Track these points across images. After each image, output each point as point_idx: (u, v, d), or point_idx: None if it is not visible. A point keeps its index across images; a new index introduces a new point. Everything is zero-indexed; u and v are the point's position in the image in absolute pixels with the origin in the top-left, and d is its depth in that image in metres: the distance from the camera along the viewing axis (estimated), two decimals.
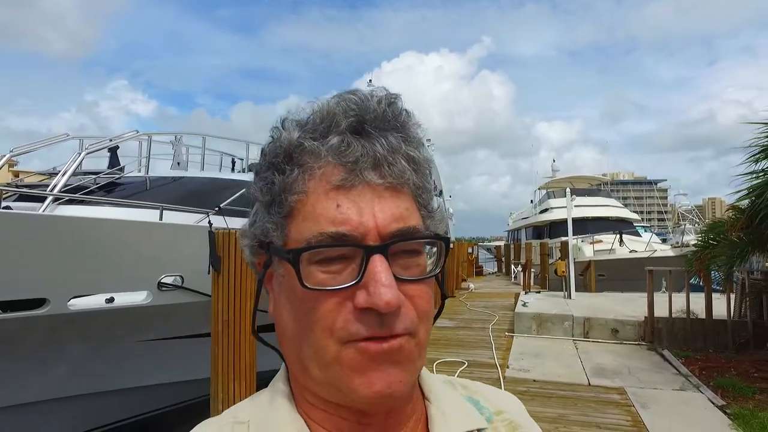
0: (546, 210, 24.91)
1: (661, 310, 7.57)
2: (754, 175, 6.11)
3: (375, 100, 0.49)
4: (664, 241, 22.56)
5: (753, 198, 6.05)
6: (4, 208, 4.24)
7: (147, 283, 4.74)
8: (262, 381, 0.54)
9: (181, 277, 4.88)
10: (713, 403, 4.95)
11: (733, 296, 7.45)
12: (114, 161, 7.13)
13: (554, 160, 31.86)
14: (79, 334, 4.58)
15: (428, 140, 23.17)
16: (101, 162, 7.25)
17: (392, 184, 0.48)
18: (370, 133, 0.48)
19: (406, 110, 0.51)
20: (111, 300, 4.64)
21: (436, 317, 0.56)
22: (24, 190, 5.30)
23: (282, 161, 0.49)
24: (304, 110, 0.51)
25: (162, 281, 4.78)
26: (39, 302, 4.13)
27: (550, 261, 16.20)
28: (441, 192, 21.10)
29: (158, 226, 4.83)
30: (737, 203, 6.62)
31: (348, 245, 0.45)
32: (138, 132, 6.68)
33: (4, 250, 3.76)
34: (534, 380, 5.63)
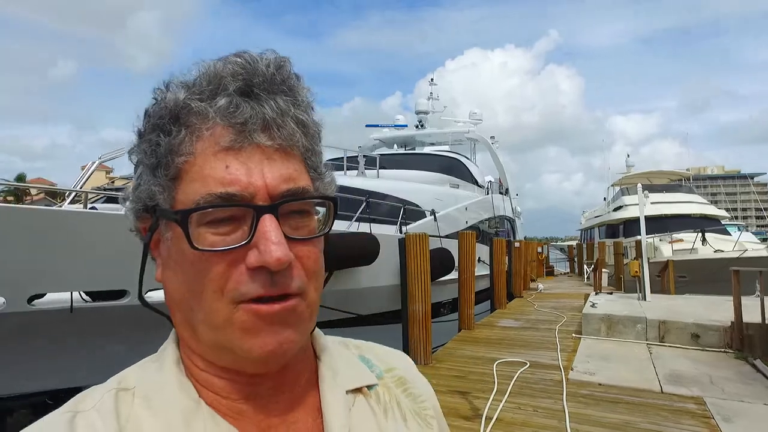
0: (620, 207, 23.52)
1: (752, 316, 6.92)
2: None
3: (263, 63, 0.49)
4: (764, 240, 20.52)
5: None
6: (90, 209, 4.70)
7: None
8: None
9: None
10: None
11: None
12: None
13: (628, 155, 30.12)
14: (156, 324, 4.95)
15: (492, 137, 22.71)
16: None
17: (281, 146, 0.48)
18: (259, 95, 0.48)
19: (295, 74, 0.51)
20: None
21: (326, 281, 0.56)
22: (108, 192, 5.83)
23: (168, 122, 0.48)
24: (190, 72, 0.50)
25: None
26: (121, 293, 4.53)
27: (625, 261, 15.28)
28: (507, 190, 20.55)
29: None
30: None
31: (238, 205, 0.46)
32: None
33: (90, 245, 4.16)
34: (599, 384, 5.36)
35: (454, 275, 8.72)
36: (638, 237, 11.95)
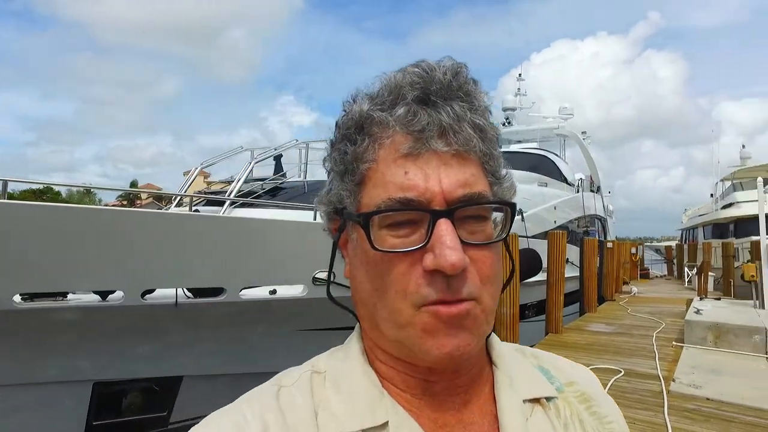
0: (731, 204, 21.34)
1: None
2: None
3: (440, 71, 0.51)
4: None
5: None
6: (193, 211, 5.11)
7: (303, 277, 5.27)
8: None
9: (334, 273, 5.31)
10: None
11: None
12: (278, 168, 8.07)
13: (743, 146, 27.19)
14: (248, 320, 5.28)
15: (583, 132, 21.53)
16: (269, 169, 8.26)
17: (458, 151, 0.50)
18: (436, 102, 0.50)
19: (473, 79, 0.53)
20: (274, 292, 5.26)
21: (505, 285, 0.57)
22: (209, 195, 6.31)
23: (354, 132, 0.52)
24: (374, 85, 0.54)
25: (316, 276, 5.27)
26: (218, 291, 4.88)
27: (736, 264, 13.83)
28: (599, 188, 19.41)
29: (313, 225, 5.35)
30: None
31: (415, 209, 0.48)
32: (297, 141, 7.48)
33: (193, 245, 4.52)
34: (707, 398, 4.89)
35: (540, 277, 8.42)
36: (754, 237, 10.76)
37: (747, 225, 17.75)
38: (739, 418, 4.43)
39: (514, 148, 17.16)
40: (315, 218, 5.54)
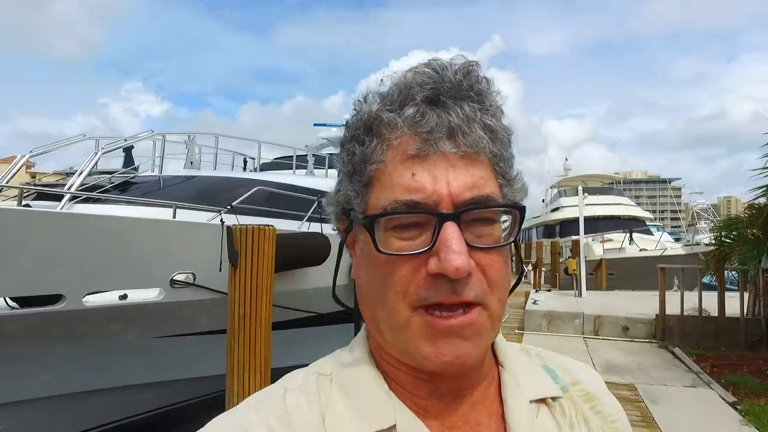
0: (557, 209, 24.78)
1: (672, 308, 7.53)
2: None
3: (451, 71, 0.49)
4: (677, 240, 22.33)
5: None
6: (23, 206, 4.36)
7: (160, 280, 4.83)
8: (277, 376, 0.59)
9: (193, 275, 4.96)
10: (724, 399, 4.93)
11: (746, 294, 7.41)
12: (129, 161, 7.27)
13: (566, 159, 31.66)
14: (93, 330, 4.67)
15: None
16: (117, 162, 7.40)
17: (467, 153, 0.48)
18: (446, 103, 0.48)
19: (486, 78, 0.51)
20: (124, 297, 4.73)
21: (514, 287, 0.57)
22: (43, 188, 5.43)
23: (362, 133, 0.51)
24: (385, 84, 0.52)
25: (174, 278, 4.87)
26: (55, 298, 4.23)
27: (561, 260, 16.13)
28: None
29: (171, 224, 4.92)
30: (754, 201, 6.58)
31: (421, 212, 0.47)
32: (152, 132, 6.82)
33: (22, 246, 3.86)
34: None
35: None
36: (574, 237, 12.64)
37: (569, 226, 20.81)
38: None
39: None
40: (174, 216, 5.11)
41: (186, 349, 5.46)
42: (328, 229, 6.87)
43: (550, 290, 12.79)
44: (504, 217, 0.51)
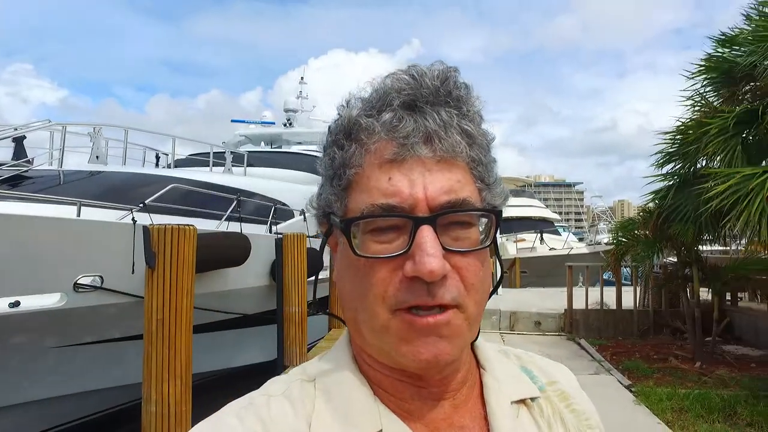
0: None
1: (578, 303, 8.14)
2: (658, 179, 6.76)
3: (429, 77, 0.50)
4: (581, 239, 24.20)
5: (657, 200, 6.69)
6: None
7: (61, 284, 4.39)
8: (200, 382, 0.55)
9: (101, 278, 4.57)
10: (621, 383, 5.44)
11: (638, 289, 8.21)
12: (20, 152, 6.51)
13: None
14: None
15: None
16: (5, 153, 6.62)
17: (443, 157, 0.49)
18: (423, 108, 0.49)
19: (465, 84, 0.52)
20: (16, 304, 4.24)
21: (494, 290, 0.59)
22: None
23: (342, 137, 0.52)
24: (366, 89, 0.53)
25: (78, 282, 4.45)
26: None
27: None
28: None
29: (74, 222, 4.48)
30: (646, 205, 7.30)
31: (397, 216, 0.47)
32: (50, 122, 6.16)
33: None
34: None
35: (322, 275, 8.77)
36: None
37: None
38: None
39: (295, 149, 17.49)
40: (78, 214, 4.66)
41: (97, 357, 5.03)
42: (247, 229, 6.66)
43: None
44: (482, 221, 0.51)
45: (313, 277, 6.84)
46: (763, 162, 5.43)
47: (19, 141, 6.45)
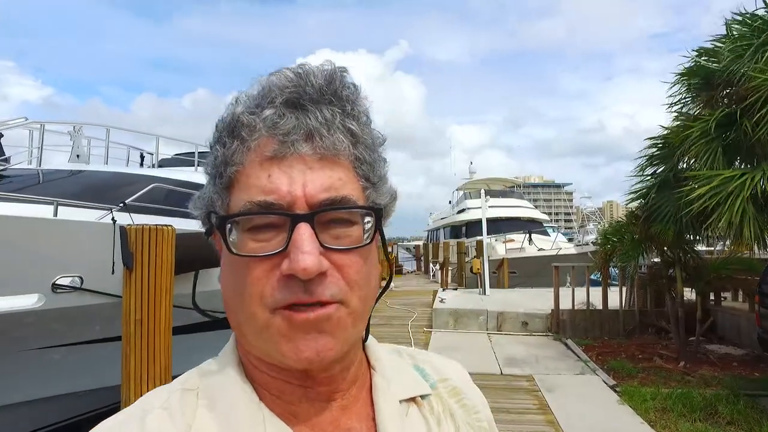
0: (463, 210, 25.91)
1: (565, 303, 8.17)
2: (642, 180, 6.84)
3: (314, 75, 0.50)
4: (570, 240, 24.31)
5: (641, 200, 6.76)
6: None
7: (38, 285, 4.30)
8: None
9: (80, 278, 4.48)
10: (606, 383, 5.46)
11: (625, 289, 8.25)
12: None
13: (471, 162, 33.23)
14: None
15: None
16: None
17: (324, 155, 0.49)
18: (305, 106, 0.49)
19: (352, 84, 0.52)
20: None
21: (386, 288, 0.58)
22: None
23: (225, 135, 0.51)
24: (253, 86, 0.52)
25: (57, 282, 4.36)
26: None
27: (467, 259, 16.88)
28: None
29: (51, 222, 4.39)
30: (628, 205, 7.37)
31: (273, 213, 0.47)
32: (27, 119, 6.03)
33: None
34: None
35: None
36: (479, 237, 13.27)
37: (474, 227, 21.87)
38: None
39: None
40: (56, 214, 4.57)
41: (78, 359, 4.94)
42: None
43: (456, 289, 13.31)
44: (367, 219, 0.51)
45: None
46: (742, 164, 5.51)
47: None
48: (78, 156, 6.78)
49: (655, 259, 7.34)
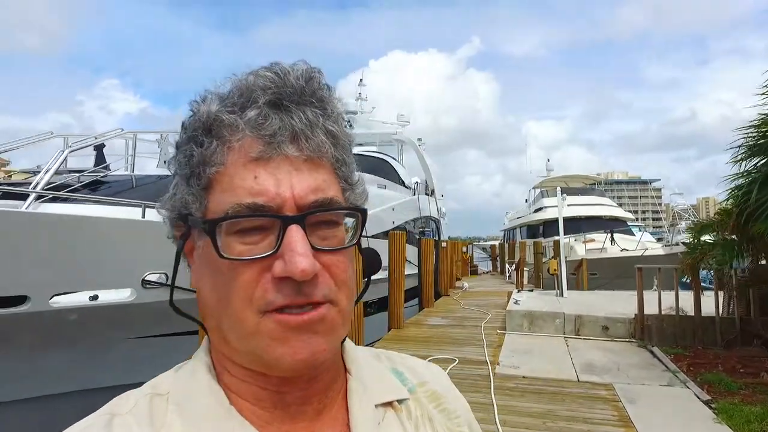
0: (540, 209, 24.97)
1: (651, 308, 7.58)
2: (739, 175, 6.16)
3: (293, 75, 0.49)
4: (659, 240, 22.63)
5: (738, 198, 6.10)
6: None
7: (131, 280, 4.71)
8: None
9: (166, 275, 4.85)
10: (699, 398, 4.96)
11: (721, 294, 7.50)
12: (100, 159, 7.08)
13: (549, 160, 32.02)
14: (62, 332, 4.54)
15: (419, 139, 23.04)
16: (89, 161, 7.21)
17: (310, 157, 0.49)
18: (288, 107, 0.49)
19: (327, 85, 0.52)
20: (95, 298, 4.60)
21: (363, 292, 0.58)
22: (6, 187, 5.25)
23: (201, 134, 0.49)
24: (224, 85, 0.51)
25: (146, 279, 4.75)
26: (20, 300, 4.09)
27: (544, 260, 16.23)
28: (433, 191, 21.07)
29: (141, 223, 4.79)
30: (723, 205, 6.70)
31: (265, 216, 0.46)
32: (122, 130, 6.63)
33: None
34: (523, 376, 5.62)
35: (380, 275, 8.80)
36: (556, 237, 12.72)
37: (551, 226, 20.96)
38: (545, 389, 5.20)
39: (355, 150, 17.60)
40: (143, 216, 4.97)
41: (163, 348, 5.35)
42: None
43: (532, 290, 12.84)
44: (347, 220, 0.52)
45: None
46: None
47: (99, 149, 7.01)
48: (165, 162, 7.33)
49: (763, 262, 6.60)
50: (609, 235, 17.49)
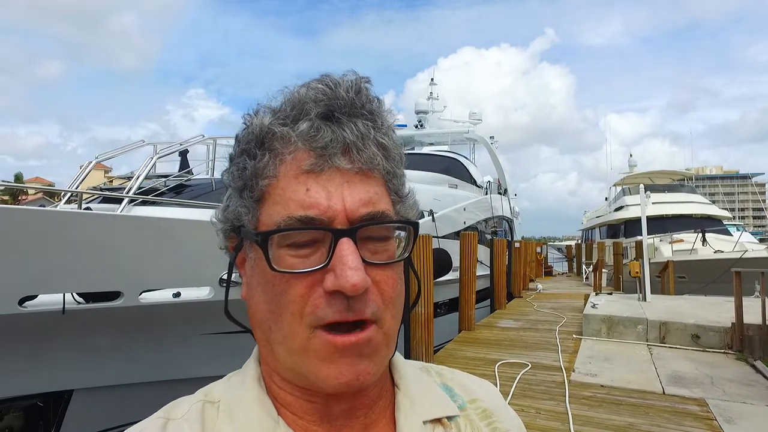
0: (621, 207, 23.45)
1: (752, 317, 6.86)
2: None
3: (344, 87, 0.49)
4: (762, 241, 20.41)
5: None
6: (85, 209, 4.64)
7: (210, 279, 4.98)
8: None
9: (240, 275, 5.08)
10: None
11: None
12: (184, 164, 7.58)
13: (631, 155, 30.07)
14: (149, 325, 4.90)
15: (491, 137, 22.54)
16: (174, 165, 7.74)
17: (361, 169, 0.48)
18: (340, 119, 0.49)
19: (377, 98, 0.52)
20: (178, 294, 4.92)
21: (413, 305, 0.58)
22: (104, 192, 5.76)
23: (254, 147, 0.50)
24: (277, 98, 0.52)
25: (223, 278, 5.00)
26: (114, 295, 4.46)
27: (625, 261, 15.24)
28: (506, 190, 20.50)
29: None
30: None
31: (316, 228, 0.46)
32: (204, 136, 7.05)
33: (84, 246, 4.09)
34: (601, 385, 5.30)
35: (451, 276, 8.68)
36: (639, 237, 11.89)
37: (634, 226, 19.62)
38: (626, 401, 4.85)
39: (426, 150, 17.59)
40: None
41: (233, 345, 5.62)
42: None
43: (611, 293, 12.11)
44: (398, 233, 0.51)
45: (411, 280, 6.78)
46: None
47: (183, 154, 7.51)
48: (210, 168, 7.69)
49: None
50: (700, 235, 16.06)
